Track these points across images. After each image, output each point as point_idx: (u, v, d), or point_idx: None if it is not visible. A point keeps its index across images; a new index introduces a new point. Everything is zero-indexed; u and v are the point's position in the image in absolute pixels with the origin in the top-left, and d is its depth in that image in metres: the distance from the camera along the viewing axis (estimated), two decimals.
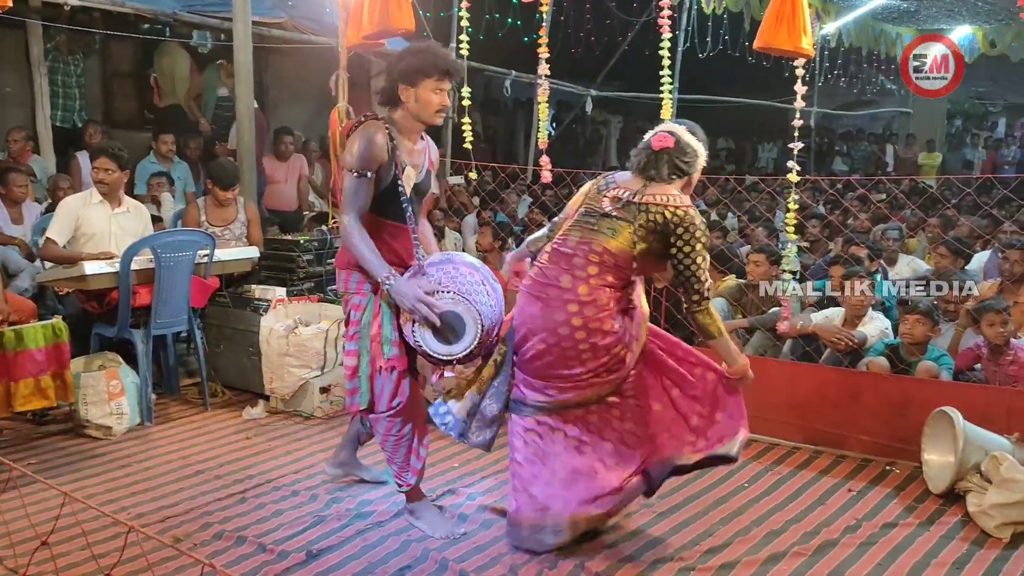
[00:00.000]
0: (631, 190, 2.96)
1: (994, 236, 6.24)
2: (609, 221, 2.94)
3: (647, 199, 2.91)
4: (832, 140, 17.19)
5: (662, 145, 2.97)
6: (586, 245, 2.94)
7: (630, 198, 2.93)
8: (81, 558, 2.97)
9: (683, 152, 2.98)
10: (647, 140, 3.05)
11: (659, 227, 2.88)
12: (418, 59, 3.00)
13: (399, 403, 3.11)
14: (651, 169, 2.96)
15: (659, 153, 2.97)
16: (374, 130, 2.99)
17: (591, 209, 3.00)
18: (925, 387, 3.95)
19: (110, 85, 7.96)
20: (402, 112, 3.07)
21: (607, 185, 3.03)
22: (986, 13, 10.99)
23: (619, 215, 2.93)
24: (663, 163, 2.95)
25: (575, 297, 2.91)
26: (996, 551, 3.16)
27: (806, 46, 3.97)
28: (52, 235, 4.57)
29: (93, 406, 4.17)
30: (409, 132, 3.10)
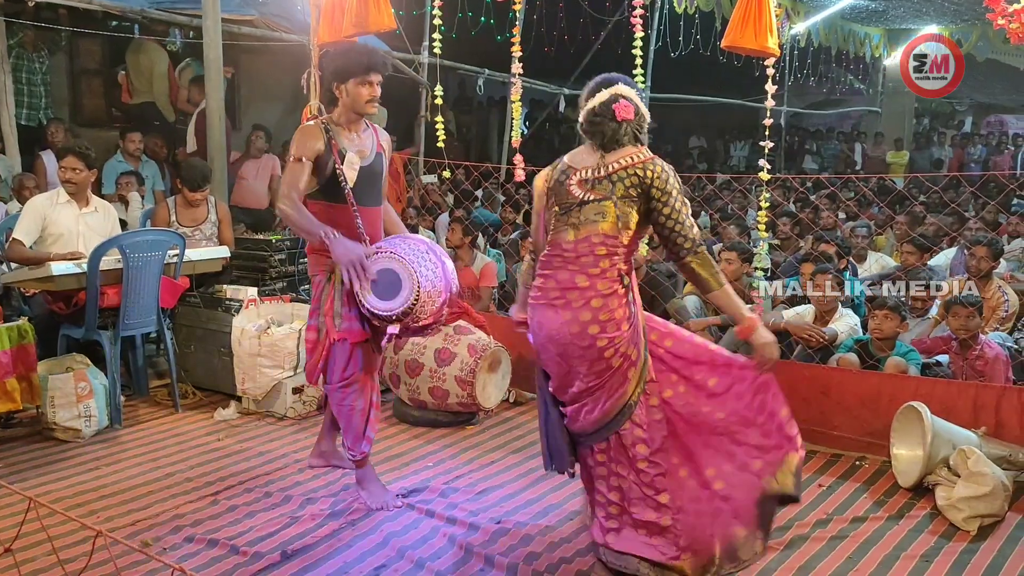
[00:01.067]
0: (593, 166, 2.85)
1: (960, 233, 6.34)
2: (592, 206, 2.82)
3: (614, 168, 2.81)
4: (802, 139, 17.38)
5: (625, 116, 2.84)
6: (585, 241, 2.82)
7: (597, 175, 2.83)
8: (47, 564, 2.92)
9: (642, 121, 2.89)
10: (603, 108, 2.85)
11: (637, 188, 2.79)
12: (342, 60, 3.35)
13: (351, 374, 3.34)
14: (614, 144, 2.83)
15: (622, 124, 2.83)
16: (309, 124, 3.39)
17: (566, 203, 2.87)
18: (894, 382, 4.00)
19: (77, 83, 7.84)
20: (340, 108, 3.39)
21: (564, 173, 2.91)
22: (952, 13, 11.16)
23: (597, 196, 2.82)
24: (625, 134, 2.84)
25: (597, 293, 2.81)
26: (964, 544, 3.21)
27: (772, 45, 4.02)
28: (19, 236, 4.49)
29: (61, 409, 4.10)
30: (349, 124, 3.39)
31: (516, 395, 4.82)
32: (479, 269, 5.70)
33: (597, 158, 2.86)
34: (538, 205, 3.03)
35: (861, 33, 12.77)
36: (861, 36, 12.80)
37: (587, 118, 2.88)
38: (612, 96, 2.85)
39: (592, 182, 2.84)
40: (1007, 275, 5.72)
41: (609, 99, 2.85)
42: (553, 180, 2.95)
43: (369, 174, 3.38)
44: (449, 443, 4.21)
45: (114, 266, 4.28)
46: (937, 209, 7.87)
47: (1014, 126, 17.74)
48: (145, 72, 7.55)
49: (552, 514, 3.43)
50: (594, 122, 2.86)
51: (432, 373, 4.35)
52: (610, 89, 2.88)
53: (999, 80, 16.12)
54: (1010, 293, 5.00)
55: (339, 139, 3.32)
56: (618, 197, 2.80)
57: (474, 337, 4.46)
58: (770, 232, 5.19)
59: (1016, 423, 3.72)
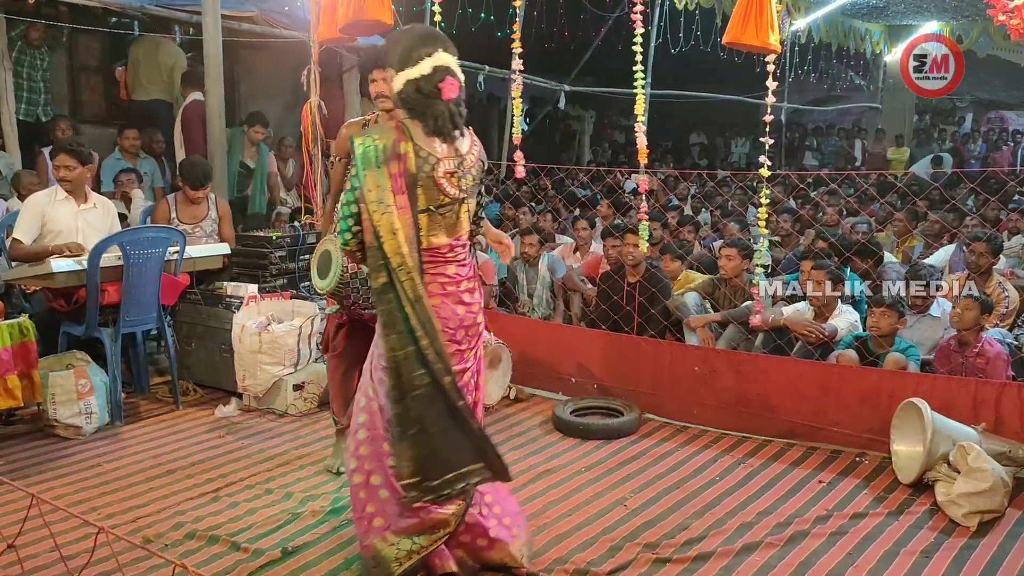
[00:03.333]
0: (452, 157, 2.66)
1: (959, 230, 6.34)
2: (464, 205, 2.74)
3: (472, 162, 2.71)
4: (802, 135, 17.36)
5: (450, 96, 2.63)
6: (458, 240, 2.75)
7: (461, 168, 2.68)
8: (49, 560, 2.93)
9: (462, 97, 2.69)
10: (429, 86, 2.60)
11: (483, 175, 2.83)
12: (360, 63, 3.37)
13: (336, 347, 3.62)
14: (450, 128, 2.63)
15: (449, 104, 2.64)
16: (346, 124, 3.53)
17: (440, 202, 2.66)
18: (894, 379, 4.01)
19: (77, 79, 7.82)
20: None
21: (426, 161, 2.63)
22: (953, 9, 11.14)
23: (465, 194, 2.73)
24: (456, 115, 2.65)
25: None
26: (963, 540, 3.21)
27: (773, 42, 4.02)
28: (19, 235, 4.50)
29: (62, 406, 4.10)
30: (383, 117, 3.39)
31: (516, 392, 4.82)
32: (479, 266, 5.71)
33: (449, 147, 2.67)
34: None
35: (862, 29, 12.74)
36: (862, 32, 12.77)
37: (408, 93, 2.62)
38: (437, 71, 2.61)
39: (458, 176, 2.69)
40: (1007, 271, 5.73)
41: (434, 74, 2.61)
42: (416, 167, 2.62)
43: None
44: None
45: (114, 263, 4.29)
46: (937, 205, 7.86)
47: (1014, 122, 17.72)
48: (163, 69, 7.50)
49: (552, 510, 3.44)
50: (417, 100, 2.61)
51: None
52: (432, 59, 2.62)
53: (1000, 76, 16.10)
54: (1010, 289, 5.00)
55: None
56: (478, 192, 2.85)
57: None
58: (769, 229, 5.19)
59: (1016, 419, 3.72)
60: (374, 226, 2.55)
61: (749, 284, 4.76)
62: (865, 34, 12.86)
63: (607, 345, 4.76)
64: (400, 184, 2.59)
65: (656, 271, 5.19)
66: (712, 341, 4.84)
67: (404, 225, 2.57)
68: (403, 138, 2.62)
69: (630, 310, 5.02)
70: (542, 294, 5.80)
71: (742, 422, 4.29)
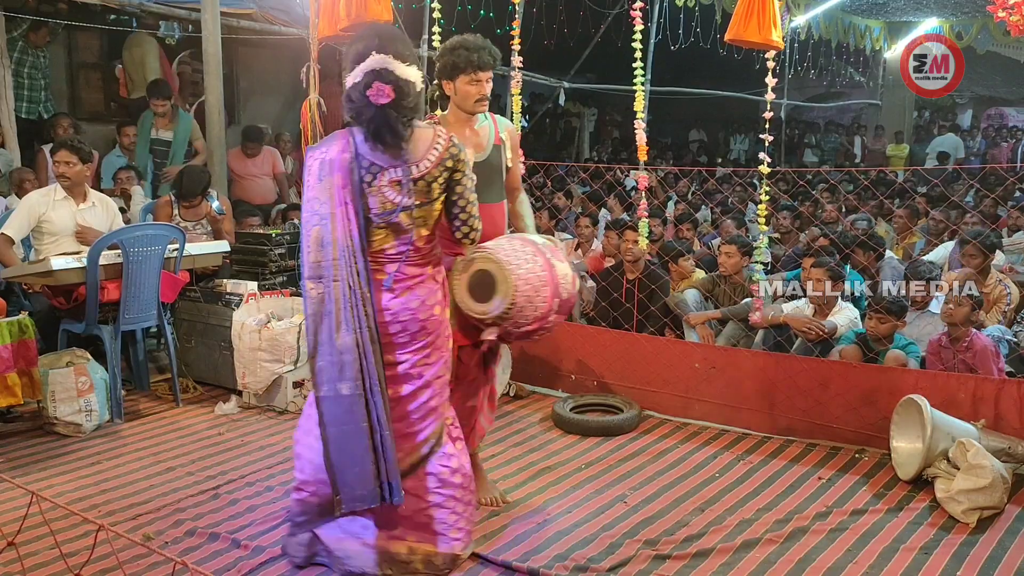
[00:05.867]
0: (400, 165, 2.65)
1: (959, 226, 6.34)
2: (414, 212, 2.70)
3: (427, 168, 2.67)
4: (802, 132, 17.35)
5: (379, 101, 2.58)
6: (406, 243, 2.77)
7: (407, 176, 2.66)
8: (50, 557, 2.93)
9: (405, 97, 2.63)
10: (357, 94, 2.59)
11: (449, 177, 2.72)
12: (452, 57, 3.14)
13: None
14: (393, 136, 2.62)
15: (386, 110, 2.59)
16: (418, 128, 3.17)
17: (385, 208, 2.70)
18: (893, 375, 4.01)
19: (76, 77, 7.81)
20: (451, 105, 3.24)
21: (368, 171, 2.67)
22: (953, 6, 11.13)
23: (420, 201, 2.70)
24: (399, 121, 2.60)
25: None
26: (963, 536, 3.21)
27: (776, 38, 4.02)
28: (8, 231, 4.50)
29: (61, 403, 4.11)
30: (461, 122, 3.22)
31: (516, 389, 4.83)
32: None
33: (393, 154, 2.66)
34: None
35: (861, 26, 12.73)
36: (861, 29, 12.76)
37: (345, 99, 2.65)
38: (366, 76, 2.59)
39: (404, 183, 2.68)
40: (1007, 268, 5.73)
41: (362, 80, 2.60)
42: (359, 176, 2.68)
43: (486, 169, 3.21)
44: None
45: (114, 261, 4.29)
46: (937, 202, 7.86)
47: (1014, 118, 17.71)
48: (139, 65, 7.51)
49: (552, 507, 3.44)
50: (351, 107, 2.63)
51: None
52: (364, 64, 2.60)
53: (999, 73, 16.08)
54: (1011, 286, 5.01)
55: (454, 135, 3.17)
56: (438, 194, 2.73)
57: None
58: (770, 226, 5.19)
59: (1015, 416, 3.72)
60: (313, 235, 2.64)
61: (749, 281, 4.77)
62: (865, 31, 12.85)
63: (607, 342, 4.76)
64: (343, 195, 2.64)
65: (655, 268, 5.19)
66: (712, 338, 4.84)
67: (343, 235, 2.64)
68: (347, 148, 2.67)
69: (630, 307, 5.02)
70: None
71: (742, 419, 4.30)
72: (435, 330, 2.83)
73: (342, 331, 2.66)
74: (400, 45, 2.68)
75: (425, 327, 2.80)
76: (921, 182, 9.89)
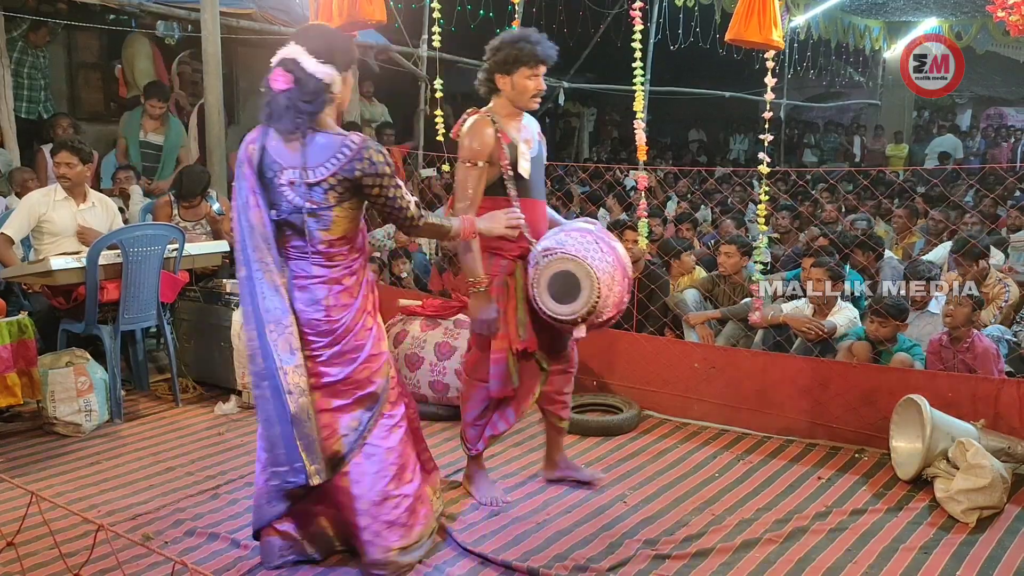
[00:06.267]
0: (298, 166, 2.59)
1: (959, 226, 6.35)
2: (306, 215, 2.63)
3: (323, 175, 2.58)
4: (802, 132, 17.36)
5: (278, 87, 2.57)
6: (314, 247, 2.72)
7: (301, 178, 2.60)
8: (49, 557, 2.93)
9: (303, 89, 2.57)
10: (265, 83, 2.61)
11: (354, 188, 2.62)
12: (513, 49, 3.12)
13: (514, 386, 3.28)
14: (292, 129, 2.58)
15: (281, 98, 2.57)
16: (479, 122, 3.17)
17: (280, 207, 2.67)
18: (893, 375, 4.01)
19: (75, 77, 7.81)
20: (500, 99, 3.21)
21: (270, 168, 2.64)
22: (952, 6, 11.14)
23: (313, 205, 2.62)
24: (290, 112, 2.55)
25: None
26: (963, 536, 3.22)
27: (776, 38, 4.02)
28: (7, 231, 4.51)
29: (61, 403, 4.11)
30: (510, 116, 3.21)
31: None
32: None
33: (293, 152, 2.60)
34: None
35: (861, 26, 12.75)
36: (861, 29, 12.77)
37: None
38: (273, 65, 2.58)
39: (299, 185, 2.61)
40: (1006, 267, 5.74)
41: (270, 68, 2.59)
42: (262, 171, 2.66)
43: (536, 165, 3.26)
44: (449, 437, 4.22)
45: (114, 261, 4.28)
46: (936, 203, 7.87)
47: (1013, 118, 17.72)
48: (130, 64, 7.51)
49: (551, 507, 3.44)
50: (263, 98, 2.62)
51: (432, 367, 4.36)
52: (279, 52, 2.60)
53: (998, 72, 16.09)
54: (1011, 285, 5.01)
55: (507, 130, 3.17)
56: (344, 198, 2.63)
57: None
58: (769, 226, 5.19)
59: (1015, 415, 3.73)
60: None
61: (748, 281, 4.77)
62: (864, 30, 12.86)
63: (606, 342, 4.76)
64: (253, 185, 2.64)
65: (655, 268, 5.19)
66: (711, 338, 4.84)
67: (258, 224, 2.64)
68: (255, 140, 2.67)
69: (629, 307, 5.02)
70: None
71: (741, 419, 4.30)
72: (337, 334, 2.72)
73: (249, 320, 2.72)
74: (320, 43, 2.61)
75: (323, 329, 2.71)
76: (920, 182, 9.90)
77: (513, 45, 3.12)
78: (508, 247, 3.19)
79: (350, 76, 2.72)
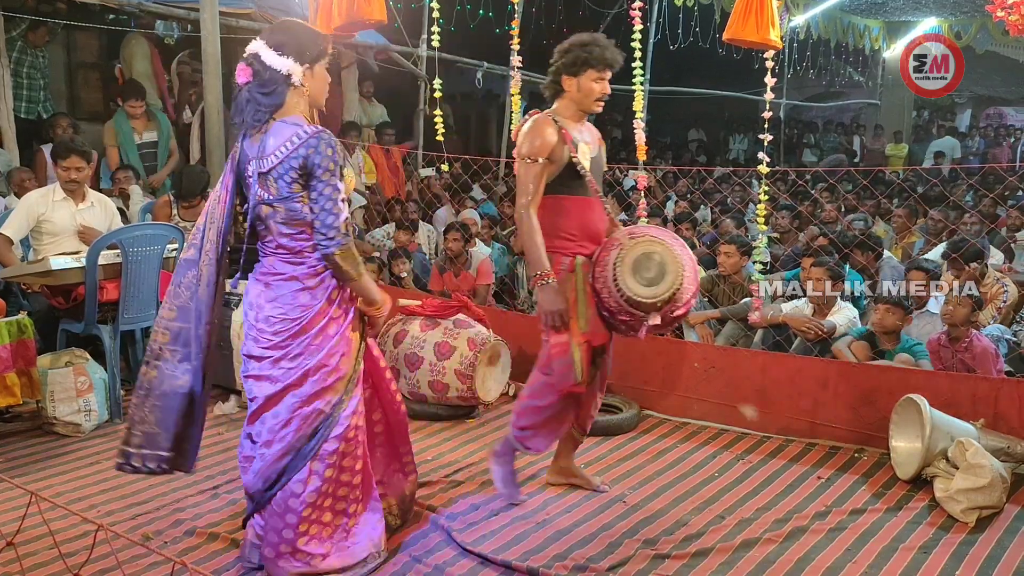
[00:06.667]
0: (259, 157, 2.61)
1: (958, 226, 6.35)
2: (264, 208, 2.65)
3: (273, 163, 2.57)
4: (801, 131, 17.37)
5: (241, 81, 2.59)
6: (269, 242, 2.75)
7: (258, 169, 2.62)
8: (49, 557, 2.93)
9: (260, 80, 2.58)
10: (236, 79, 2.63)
11: (300, 176, 2.58)
12: (583, 51, 3.15)
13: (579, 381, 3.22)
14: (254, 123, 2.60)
15: (240, 91, 2.60)
16: (539, 118, 3.20)
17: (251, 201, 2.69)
18: (892, 375, 4.01)
19: (75, 76, 7.82)
20: (565, 100, 3.24)
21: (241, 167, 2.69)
22: (952, 6, 11.15)
23: (271, 196, 2.62)
24: (251, 105, 2.59)
25: None
26: (962, 535, 3.22)
27: (774, 38, 4.02)
28: (7, 231, 4.50)
29: (61, 403, 4.10)
30: (573, 118, 3.23)
31: (516, 389, 4.82)
32: (475, 268, 5.72)
33: (257, 144, 2.63)
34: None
35: (860, 25, 12.76)
36: (860, 28, 12.79)
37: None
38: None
39: (260, 177, 2.63)
40: (1005, 267, 5.74)
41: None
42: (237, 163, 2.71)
43: (597, 166, 3.29)
44: (449, 437, 4.22)
45: (113, 260, 4.28)
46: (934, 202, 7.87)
47: (1013, 118, 17.73)
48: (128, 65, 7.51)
49: (551, 507, 3.44)
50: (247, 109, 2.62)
51: (432, 367, 4.36)
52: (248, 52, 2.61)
53: (998, 72, 16.11)
54: (1009, 284, 5.01)
55: (569, 129, 3.18)
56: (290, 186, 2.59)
57: (474, 331, 4.46)
58: (769, 226, 5.19)
59: (1014, 415, 3.73)
60: None
61: (748, 281, 4.77)
62: (864, 30, 12.87)
63: None
64: (227, 180, 2.69)
65: None
66: (711, 338, 4.84)
67: (219, 217, 2.69)
68: (237, 137, 2.70)
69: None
70: None
71: (741, 418, 4.30)
72: (293, 334, 2.68)
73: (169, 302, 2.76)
74: (281, 37, 2.61)
75: (277, 328, 2.69)
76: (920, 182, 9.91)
77: (582, 48, 3.15)
78: (568, 247, 3.19)
79: (320, 69, 2.69)
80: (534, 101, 15.33)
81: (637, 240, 3.05)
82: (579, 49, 3.15)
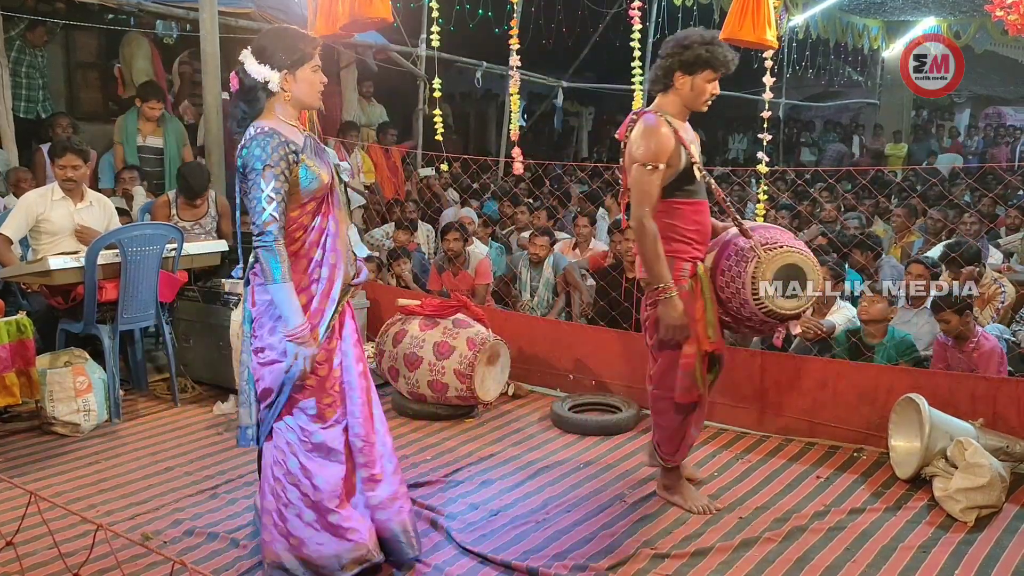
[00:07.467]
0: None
1: (957, 226, 6.35)
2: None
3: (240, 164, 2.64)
4: (800, 131, 17.37)
5: (232, 87, 2.68)
6: None
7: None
8: (48, 557, 2.93)
9: (242, 89, 2.65)
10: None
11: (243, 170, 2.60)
12: (704, 51, 3.06)
13: (701, 392, 3.23)
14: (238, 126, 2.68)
15: (233, 98, 2.70)
16: (656, 122, 3.07)
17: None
18: (891, 374, 4.01)
19: (74, 76, 7.81)
20: (672, 97, 3.14)
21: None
22: (951, 5, 11.15)
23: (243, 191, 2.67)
24: (237, 111, 2.67)
25: None
26: (961, 535, 3.22)
27: (770, 38, 4.03)
28: (6, 231, 4.50)
29: (60, 403, 4.10)
30: (679, 116, 3.16)
31: (515, 388, 4.83)
32: (474, 268, 5.73)
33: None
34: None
35: (859, 25, 12.76)
36: (859, 28, 12.78)
37: None
38: None
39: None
40: (1004, 267, 5.74)
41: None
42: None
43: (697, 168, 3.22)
44: (448, 436, 4.22)
45: (112, 260, 4.28)
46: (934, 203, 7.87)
47: (1012, 118, 17.74)
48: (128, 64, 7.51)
49: (551, 507, 3.44)
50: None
51: (431, 367, 4.36)
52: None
53: (997, 72, 16.12)
54: (1007, 284, 5.02)
55: (680, 130, 3.10)
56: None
57: (473, 331, 4.46)
58: None
59: (1013, 414, 3.73)
60: None
61: None
62: (863, 30, 12.88)
63: (605, 341, 4.76)
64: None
65: None
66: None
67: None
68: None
69: (628, 307, 5.02)
70: (544, 295, 5.79)
71: (740, 418, 4.30)
72: (255, 323, 2.74)
73: None
74: (264, 42, 2.63)
75: (248, 316, 2.74)
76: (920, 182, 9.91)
77: (705, 47, 3.06)
78: (685, 251, 3.12)
79: (305, 72, 2.65)
80: (533, 100, 15.33)
81: (775, 253, 2.97)
82: (701, 47, 3.05)
